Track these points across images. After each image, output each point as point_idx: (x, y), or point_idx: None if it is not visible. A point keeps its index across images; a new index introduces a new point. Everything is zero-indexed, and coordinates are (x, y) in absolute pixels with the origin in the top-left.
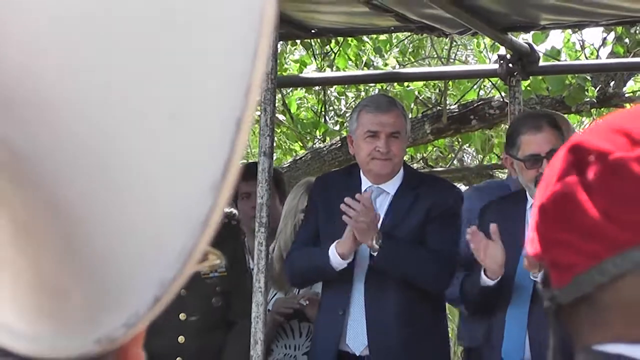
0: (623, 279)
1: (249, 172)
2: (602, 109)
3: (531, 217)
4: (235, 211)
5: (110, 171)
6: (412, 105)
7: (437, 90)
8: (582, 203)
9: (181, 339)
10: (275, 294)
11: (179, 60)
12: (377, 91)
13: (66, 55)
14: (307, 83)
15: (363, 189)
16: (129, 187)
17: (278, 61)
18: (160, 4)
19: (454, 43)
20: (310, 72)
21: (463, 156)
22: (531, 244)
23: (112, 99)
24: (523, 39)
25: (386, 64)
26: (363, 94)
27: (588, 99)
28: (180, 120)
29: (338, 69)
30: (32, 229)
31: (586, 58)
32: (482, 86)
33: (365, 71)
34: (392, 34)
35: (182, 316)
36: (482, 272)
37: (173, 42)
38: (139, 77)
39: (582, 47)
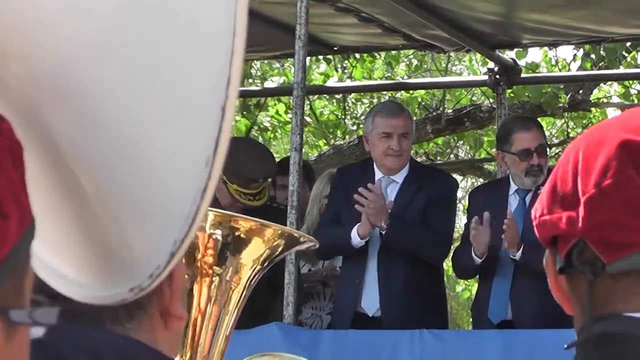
0: None
1: (286, 167)
2: (572, 113)
3: (546, 198)
4: (276, 196)
5: (135, 156)
6: (416, 109)
7: (437, 98)
8: None
9: None
10: (304, 265)
11: (178, 67)
12: (387, 98)
13: (100, 52)
14: (330, 91)
15: (376, 178)
16: (150, 170)
17: (306, 74)
18: (166, 21)
19: (451, 58)
20: (332, 82)
21: (458, 151)
22: (558, 222)
23: (133, 93)
24: (508, 55)
25: (395, 76)
26: (376, 100)
27: (561, 105)
28: (181, 112)
29: (355, 80)
30: (90, 199)
31: (559, 71)
32: (473, 94)
33: (378, 82)
34: (400, 51)
35: None
36: (472, 251)
37: (175, 53)
38: (151, 86)
39: (557, 62)
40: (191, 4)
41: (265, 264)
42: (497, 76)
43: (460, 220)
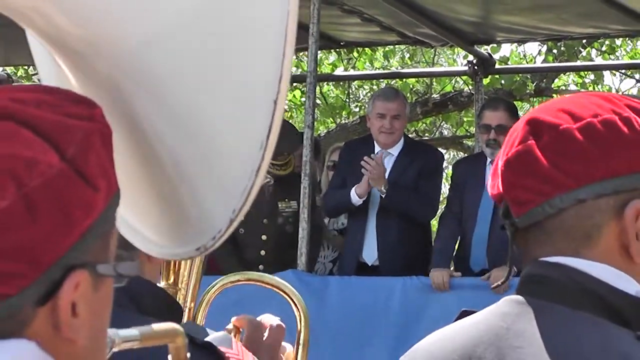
0: (567, 211)
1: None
2: (537, 98)
3: (492, 169)
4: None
5: (205, 139)
6: (408, 94)
7: (425, 85)
8: (539, 158)
9: (262, 252)
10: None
11: (242, 66)
12: (384, 85)
13: (174, 48)
14: (337, 79)
15: (376, 151)
16: (216, 150)
17: (317, 64)
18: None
19: (437, 52)
20: (339, 71)
21: (442, 130)
22: (493, 187)
23: (203, 85)
24: (484, 49)
25: (391, 66)
26: (375, 87)
27: (528, 91)
28: (241, 103)
29: (358, 70)
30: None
31: (527, 63)
32: (456, 82)
33: (377, 71)
34: (395, 45)
35: (264, 237)
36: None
37: (238, 56)
38: (216, 85)
39: (524, 56)
40: (250, 22)
41: None
42: (475, 67)
43: (445, 187)
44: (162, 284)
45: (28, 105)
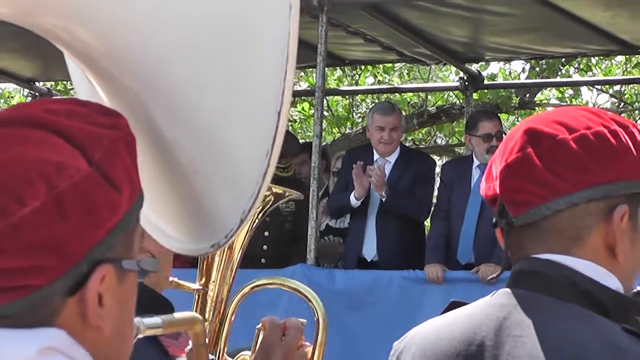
0: (561, 213)
1: (309, 148)
2: (521, 111)
3: (486, 173)
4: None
5: (218, 145)
6: (406, 107)
7: (421, 98)
8: (537, 165)
9: (265, 247)
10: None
11: (250, 81)
12: (384, 98)
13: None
14: (342, 93)
15: (375, 158)
16: (227, 155)
17: (325, 80)
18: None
19: (432, 69)
20: (344, 86)
21: (436, 139)
22: (488, 189)
23: (216, 96)
24: (474, 67)
25: (391, 82)
26: (377, 100)
27: (513, 104)
28: (244, 121)
29: (361, 85)
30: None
31: (512, 79)
32: (448, 96)
33: (378, 86)
34: (395, 63)
35: (266, 233)
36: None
37: (247, 71)
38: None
39: (510, 73)
40: (255, 45)
41: (260, 215)
42: (466, 83)
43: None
44: (196, 285)
45: (59, 116)
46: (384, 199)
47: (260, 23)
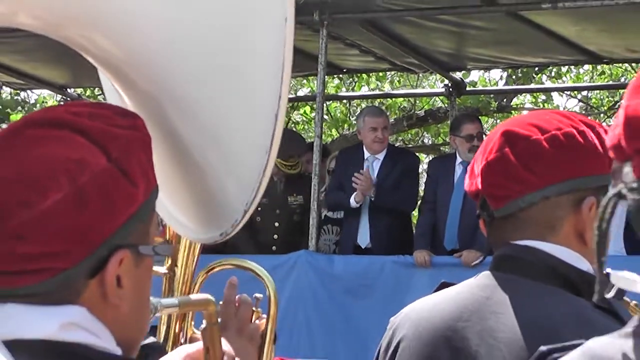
0: (536, 205)
1: (311, 148)
2: (499, 114)
3: (469, 171)
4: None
5: (224, 144)
6: (397, 110)
7: (410, 103)
8: (514, 163)
9: (275, 236)
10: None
11: (251, 90)
12: (377, 103)
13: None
14: (340, 98)
15: (365, 157)
16: (232, 152)
17: (325, 86)
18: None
19: (420, 77)
20: (342, 92)
21: (424, 139)
22: (471, 185)
23: (221, 99)
24: (458, 75)
25: (383, 88)
26: (370, 105)
27: (492, 108)
28: (247, 122)
29: (357, 91)
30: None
31: (491, 86)
32: (435, 101)
33: (372, 92)
34: (387, 72)
35: (276, 224)
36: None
37: (247, 79)
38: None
39: (489, 80)
40: (257, 60)
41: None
42: (451, 89)
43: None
44: (163, 268)
45: (82, 117)
46: (372, 199)
47: (260, 39)
